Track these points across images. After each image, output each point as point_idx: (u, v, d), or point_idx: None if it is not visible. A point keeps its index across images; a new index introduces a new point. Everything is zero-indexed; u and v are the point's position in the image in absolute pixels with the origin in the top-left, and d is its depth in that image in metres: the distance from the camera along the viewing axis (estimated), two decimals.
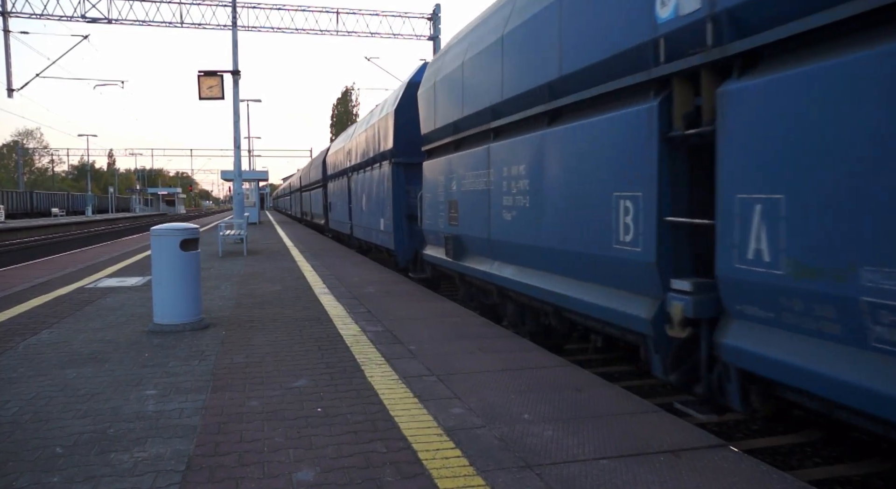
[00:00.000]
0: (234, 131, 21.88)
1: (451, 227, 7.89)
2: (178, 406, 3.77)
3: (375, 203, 12.55)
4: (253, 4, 27.14)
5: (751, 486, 2.65)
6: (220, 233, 14.77)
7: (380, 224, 12.08)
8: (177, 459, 2.99)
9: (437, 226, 8.53)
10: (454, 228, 7.78)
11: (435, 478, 2.75)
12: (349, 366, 4.65)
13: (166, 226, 6.06)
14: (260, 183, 37.41)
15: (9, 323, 6.41)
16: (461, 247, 7.69)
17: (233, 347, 5.28)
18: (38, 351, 5.19)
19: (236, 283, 9.33)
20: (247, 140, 47.69)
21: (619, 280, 4.38)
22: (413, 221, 10.49)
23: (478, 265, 7.11)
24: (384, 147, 11.62)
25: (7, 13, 24.60)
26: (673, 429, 3.30)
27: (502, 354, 4.92)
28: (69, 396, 3.98)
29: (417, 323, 6.21)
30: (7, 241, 26.61)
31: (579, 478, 2.74)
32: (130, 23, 25.81)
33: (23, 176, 74.19)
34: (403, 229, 10.95)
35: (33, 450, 3.11)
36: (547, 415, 3.54)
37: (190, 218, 61.12)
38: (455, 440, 3.18)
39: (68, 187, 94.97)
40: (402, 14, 28.48)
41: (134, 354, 5.06)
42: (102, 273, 10.83)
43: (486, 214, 6.72)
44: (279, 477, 2.80)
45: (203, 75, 19.53)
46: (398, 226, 10.98)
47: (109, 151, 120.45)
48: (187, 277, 5.98)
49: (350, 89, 73.61)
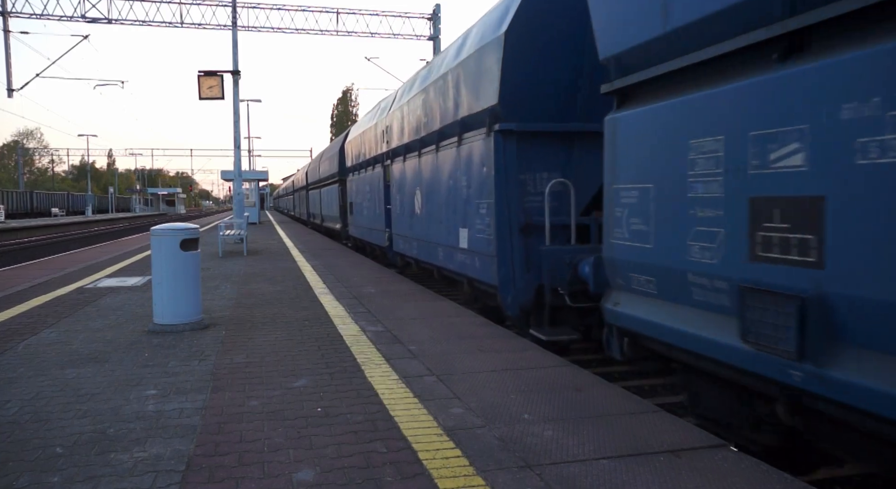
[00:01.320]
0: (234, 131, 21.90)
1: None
2: (178, 406, 3.77)
3: (448, 203, 7.83)
4: (253, 4, 27.16)
5: (751, 486, 2.65)
6: (220, 233, 14.77)
7: (458, 238, 7.45)
8: (177, 459, 2.99)
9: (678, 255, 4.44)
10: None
11: (435, 478, 2.75)
12: (349, 366, 4.65)
13: (166, 226, 6.06)
14: (260, 183, 37.44)
15: (9, 323, 6.41)
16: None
17: (233, 347, 5.28)
18: (38, 351, 5.19)
19: (236, 283, 9.33)
20: (247, 140, 47.78)
21: None
22: (531, 235, 6.13)
23: None
24: (473, 106, 6.79)
25: (7, 13, 24.61)
26: (673, 429, 3.30)
27: (502, 354, 4.92)
28: (69, 396, 3.98)
29: (417, 323, 6.21)
30: (7, 241, 26.61)
31: (579, 477, 2.74)
32: (130, 23, 25.85)
33: (23, 176, 74.22)
34: (515, 251, 6.16)
35: (33, 450, 3.11)
36: (547, 414, 3.54)
37: (190, 218, 61.13)
38: (455, 440, 3.18)
39: (68, 187, 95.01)
40: (402, 14, 28.55)
41: (134, 354, 5.06)
42: (102, 273, 10.83)
43: None
44: (279, 477, 2.80)
45: (203, 75, 19.56)
46: (505, 245, 6.17)
47: (109, 151, 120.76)
48: (187, 277, 5.98)
49: (350, 89, 73.75)
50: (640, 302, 4.22)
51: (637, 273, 4.20)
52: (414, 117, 9.46)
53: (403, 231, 10.42)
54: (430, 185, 8.64)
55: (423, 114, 8.90)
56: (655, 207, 3.97)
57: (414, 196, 9.60)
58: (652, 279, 4.05)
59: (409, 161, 9.94)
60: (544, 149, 6.23)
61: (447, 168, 7.83)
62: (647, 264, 4.06)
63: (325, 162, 21.80)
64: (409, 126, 9.79)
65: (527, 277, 6.11)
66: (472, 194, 6.88)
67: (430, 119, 8.52)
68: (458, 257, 7.55)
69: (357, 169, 15.19)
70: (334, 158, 19.08)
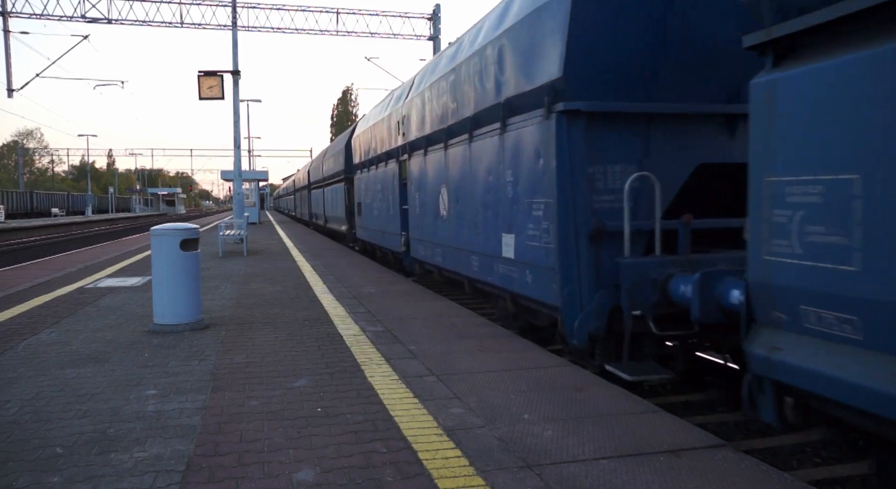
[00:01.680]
0: (234, 131, 21.90)
1: None
2: (178, 406, 3.78)
3: (486, 204, 6.59)
4: (253, 4, 27.16)
5: (751, 486, 2.65)
6: (220, 233, 14.77)
7: (500, 246, 6.22)
8: (177, 459, 2.99)
9: None
10: None
11: (435, 478, 2.75)
12: (349, 366, 4.65)
13: (166, 226, 6.06)
14: (260, 183, 37.46)
15: (9, 323, 6.41)
16: None
17: (233, 347, 5.28)
18: (38, 351, 5.19)
19: (236, 283, 9.33)
20: (247, 140, 47.76)
21: None
22: (602, 244, 4.93)
23: None
24: (524, 84, 5.56)
25: (7, 13, 24.61)
26: (673, 429, 3.30)
27: (502, 354, 4.92)
28: (69, 396, 3.98)
29: (417, 323, 6.21)
30: (7, 241, 26.61)
31: (579, 477, 2.74)
32: (130, 23, 25.85)
33: (23, 176, 74.22)
34: (583, 263, 4.94)
35: (33, 450, 3.11)
36: (547, 414, 3.54)
37: (190, 218, 61.13)
38: (455, 440, 3.18)
39: (68, 187, 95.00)
40: (402, 14, 28.55)
41: (134, 354, 5.06)
42: (102, 273, 10.83)
43: None
44: (279, 477, 2.80)
45: (203, 75, 19.56)
46: (570, 256, 4.97)
47: (109, 151, 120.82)
48: (187, 277, 5.98)
49: (350, 89, 73.80)
50: (821, 349, 2.95)
51: (821, 307, 2.92)
52: (438, 104, 8.14)
53: (424, 235, 9.14)
54: (459, 182, 7.40)
55: (450, 99, 7.60)
56: (864, 210, 2.67)
57: (438, 195, 8.32)
58: (852, 318, 2.79)
59: (431, 155, 8.58)
60: (619, 135, 4.97)
61: (485, 161, 6.54)
62: (842, 295, 2.79)
63: (330, 159, 20.60)
64: (433, 114, 8.43)
65: (599, 297, 4.84)
66: (522, 192, 5.63)
67: (460, 104, 7.26)
68: (499, 269, 6.26)
69: (366, 166, 13.79)
70: (339, 155, 18.03)
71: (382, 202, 12.08)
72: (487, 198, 6.53)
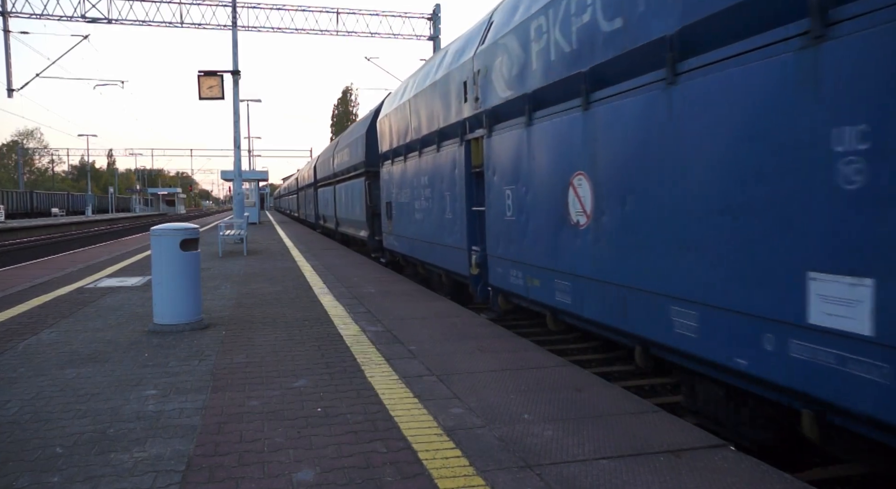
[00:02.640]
0: (234, 131, 21.90)
1: None
2: (178, 406, 3.77)
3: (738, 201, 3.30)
4: (253, 4, 27.16)
5: (751, 486, 2.65)
6: (220, 233, 14.77)
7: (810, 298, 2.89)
8: (177, 459, 2.99)
9: None
10: None
11: (435, 478, 2.75)
12: (349, 366, 4.65)
13: (166, 226, 6.06)
14: (260, 183, 37.46)
15: (9, 323, 6.41)
16: None
17: (233, 347, 5.28)
18: (38, 351, 5.19)
19: (236, 283, 9.33)
20: (247, 140, 47.78)
21: None
22: None
23: None
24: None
25: (7, 13, 24.61)
26: (673, 429, 3.30)
27: (502, 354, 4.93)
28: (69, 396, 3.98)
29: (417, 323, 6.21)
30: (7, 241, 26.61)
31: (579, 477, 2.74)
32: (130, 23, 25.84)
33: (23, 176, 74.23)
34: None
35: (33, 450, 3.11)
36: (547, 415, 3.54)
37: (190, 218, 61.12)
38: (455, 440, 3.18)
39: (68, 187, 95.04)
40: (402, 14, 28.51)
41: (134, 354, 5.06)
42: (102, 273, 10.83)
43: None
44: (279, 477, 2.80)
45: (203, 75, 19.55)
46: None
47: (109, 151, 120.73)
48: (187, 277, 5.98)
49: (350, 89, 73.81)
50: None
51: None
52: (565, 31, 4.99)
53: (522, 256, 6.09)
54: (631, 168, 4.23)
55: (601, 14, 4.49)
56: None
57: (564, 191, 5.20)
58: None
59: (546, 123, 5.42)
60: None
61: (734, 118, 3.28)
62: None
63: (343, 151, 16.99)
64: (558, 50, 5.13)
65: None
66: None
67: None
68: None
69: (401, 153, 10.64)
70: (358, 144, 14.55)
71: (430, 201, 9.09)
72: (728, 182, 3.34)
